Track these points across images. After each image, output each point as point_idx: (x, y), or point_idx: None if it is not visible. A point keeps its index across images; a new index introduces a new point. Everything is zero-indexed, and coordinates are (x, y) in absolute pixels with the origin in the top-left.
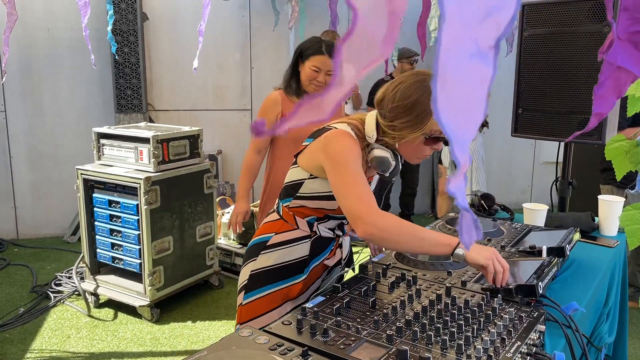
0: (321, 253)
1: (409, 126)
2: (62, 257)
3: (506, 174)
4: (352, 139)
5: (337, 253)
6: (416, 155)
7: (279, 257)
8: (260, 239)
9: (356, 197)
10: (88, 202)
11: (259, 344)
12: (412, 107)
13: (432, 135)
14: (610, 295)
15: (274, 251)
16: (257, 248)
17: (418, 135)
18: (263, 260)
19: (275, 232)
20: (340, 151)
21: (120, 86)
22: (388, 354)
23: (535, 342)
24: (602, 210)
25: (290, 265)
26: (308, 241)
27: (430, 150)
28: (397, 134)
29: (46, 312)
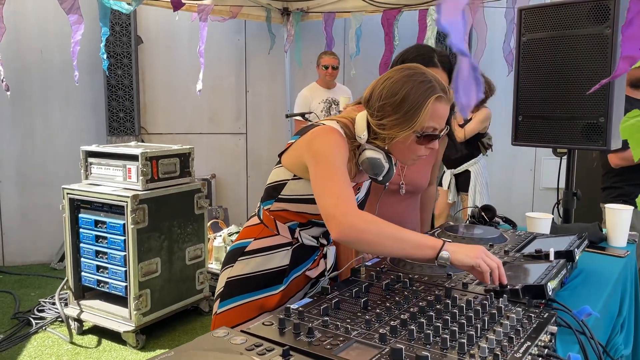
0: (303, 263)
1: (398, 124)
2: (47, 283)
3: (506, 200)
4: (339, 137)
5: (321, 264)
6: (410, 156)
7: (257, 264)
8: (239, 244)
9: (334, 195)
10: (74, 222)
11: (235, 344)
12: (400, 103)
13: (425, 133)
14: (624, 306)
15: (252, 258)
16: (235, 254)
17: (409, 133)
18: (240, 267)
19: (254, 237)
20: (324, 147)
21: (113, 109)
22: (380, 354)
23: (547, 344)
24: (609, 219)
25: (268, 274)
26: (289, 249)
27: (426, 150)
28: (386, 133)
29: (27, 339)
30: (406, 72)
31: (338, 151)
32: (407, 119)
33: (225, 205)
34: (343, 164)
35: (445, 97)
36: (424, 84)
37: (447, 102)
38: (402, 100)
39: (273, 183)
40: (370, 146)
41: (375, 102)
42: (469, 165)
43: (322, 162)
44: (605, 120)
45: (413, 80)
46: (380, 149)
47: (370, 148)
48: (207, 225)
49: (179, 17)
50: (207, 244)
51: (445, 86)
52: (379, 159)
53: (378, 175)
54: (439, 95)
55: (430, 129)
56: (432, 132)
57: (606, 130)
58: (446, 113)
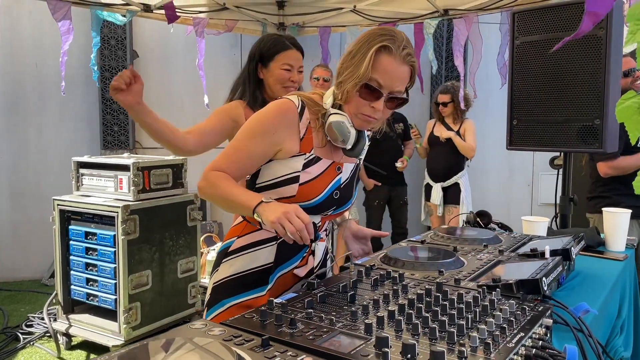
0: (289, 260)
1: (349, 75)
2: (37, 299)
3: (505, 215)
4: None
5: (310, 261)
6: (353, 110)
7: (241, 264)
8: (223, 246)
9: (215, 160)
10: (64, 234)
11: (212, 334)
12: (355, 52)
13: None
14: (623, 308)
15: (237, 257)
16: (220, 256)
17: (354, 83)
18: (225, 269)
19: (237, 235)
20: (251, 119)
21: (107, 122)
22: (365, 344)
23: (541, 336)
24: (607, 223)
25: (254, 273)
26: (274, 244)
27: (369, 108)
28: (342, 89)
29: (14, 354)
30: (373, 28)
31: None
32: (355, 68)
33: (220, 220)
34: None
35: (396, 52)
36: (379, 35)
37: (396, 59)
38: (356, 50)
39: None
40: (335, 110)
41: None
42: (458, 177)
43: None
44: (600, 122)
45: (373, 33)
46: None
47: (334, 112)
48: (200, 238)
49: (174, 31)
50: (199, 257)
51: (404, 44)
52: (342, 122)
53: (346, 143)
54: (384, 44)
55: (373, 81)
56: (375, 85)
57: (602, 133)
58: (395, 71)
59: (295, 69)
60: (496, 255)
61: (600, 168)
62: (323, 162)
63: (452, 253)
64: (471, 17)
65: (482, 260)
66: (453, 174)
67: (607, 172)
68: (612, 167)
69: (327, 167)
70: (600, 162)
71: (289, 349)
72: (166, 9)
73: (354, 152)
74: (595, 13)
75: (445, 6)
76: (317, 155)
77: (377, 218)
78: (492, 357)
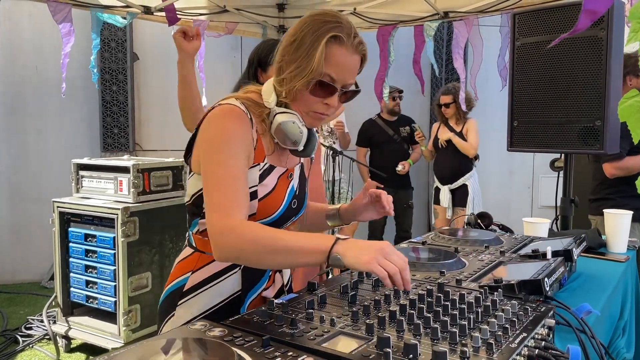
0: (257, 283)
1: (297, 72)
2: (37, 301)
3: (504, 218)
4: (235, 118)
5: (277, 279)
6: (303, 108)
7: (205, 302)
8: (172, 287)
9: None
10: (64, 236)
11: (213, 335)
12: (297, 46)
13: (316, 80)
14: (625, 309)
15: (197, 295)
16: (172, 299)
17: (305, 80)
18: (183, 312)
19: (191, 270)
20: (214, 139)
21: (107, 124)
22: (367, 345)
23: (544, 337)
24: (609, 224)
25: (222, 308)
26: (237, 271)
27: (322, 105)
28: (287, 87)
29: (13, 357)
30: (312, 13)
31: (231, 140)
32: (304, 63)
33: None
34: (236, 154)
35: (347, 41)
36: (324, 23)
37: (349, 49)
38: (299, 41)
39: (192, 198)
40: (281, 109)
41: (277, 54)
42: (465, 179)
43: (210, 162)
44: (601, 123)
45: (315, 19)
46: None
47: (281, 112)
48: None
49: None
50: None
51: (354, 32)
52: (293, 122)
53: (298, 144)
54: (335, 34)
55: (326, 76)
56: (329, 80)
57: (603, 134)
58: (348, 63)
59: None
60: (497, 256)
61: (606, 169)
62: (277, 171)
63: (453, 254)
64: (471, 20)
65: (483, 261)
66: (460, 175)
67: (614, 173)
68: (619, 168)
69: (280, 175)
70: (606, 162)
71: (289, 349)
72: (167, 11)
73: (306, 152)
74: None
75: (446, 8)
76: (270, 163)
77: (380, 220)
78: (495, 357)
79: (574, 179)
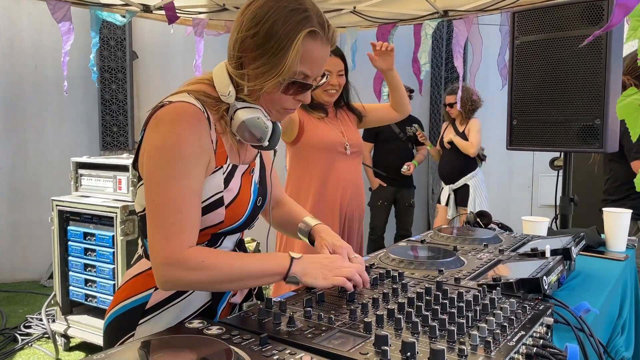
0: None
1: (263, 69)
2: (36, 300)
3: (504, 217)
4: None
5: None
6: (274, 106)
7: (174, 316)
8: (131, 304)
9: (159, 234)
10: (63, 235)
11: (210, 333)
12: (264, 37)
13: (291, 80)
14: (624, 308)
15: (162, 312)
16: (131, 317)
17: (278, 80)
18: (146, 330)
19: (153, 286)
20: (163, 145)
21: (107, 123)
22: (365, 343)
23: (542, 335)
24: (607, 223)
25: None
26: None
27: (294, 102)
28: (252, 84)
29: (12, 355)
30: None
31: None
32: (273, 64)
33: None
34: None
35: (323, 34)
36: (295, 12)
37: (324, 43)
38: (266, 33)
39: (144, 209)
40: (242, 104)
41: (234, 36)
42: (467, 179)
43: (158, 176)
44: (601, 122)
45: (280, 6)
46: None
47: (243, 107)
48: None
49: (174, 32)
50: None
51: (325, 19)
52: (258, 118)
53: (263, 140)
54: (312, 29)
55: (300, 75)
56: (302, 79)
57: (602, 132)
58: (323, 57)
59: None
60: (496, 255)
61: (635, 166)
62: (239, 170)
63: (452, 252)
64: (471, 18)
65: (482, 260)
66: (461, 175)
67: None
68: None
69: (243, 173)
70: (635, 160)
71: (287, 347)
72: (166, 9)
73: (270, 146)
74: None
75: (445, 7)
76: (232, 163)
77: (381, 218)
78: (493, 355)
79: (577, 177)
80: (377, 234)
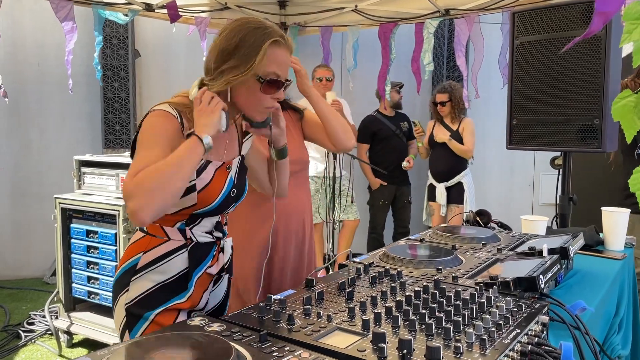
0: (203, 261)
1: (235, 67)
2: (39, 297)
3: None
4: (162, 117)
5: (220, 258)
6: (257, 107)
7: (156, 277)
8: (126, 266)
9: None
10: (65, 233)
11: (211, 330)
12: (235, 48)
13: (267, 79)
14: (621, 306)
15: (147, 272)
16: (125, 277)
17: (248, 76)
18: (137, 287)
19: (142, 251)
20: (143, 128)
21: (109, 121)
22: (362, 340)
23: (537, 333)
24: (606, 222)
25: (172, 282)
26: (185, 251)
27: (272, 100)
28: (224, 79)
29: (15, 352)
30: (240, 21)
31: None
32: (244, 60)
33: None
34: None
35: (284, 42)
36: (259, 29)
37: (286, 49)
38: (236, 45)
39: None
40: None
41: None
42: (461, 177)
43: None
44: (600, 121)
45: (247, 27)
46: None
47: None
48: None
49: (176, 30)
50: None
51: (283, 33)
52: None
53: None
54: (275, 39)
55: (272, 74)
56: (276, 77)
57: (601, 132)
58: (286, 60)
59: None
60: (494, 254)
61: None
62: (212, 165)
63: (450, 251)
64: (472, 17)
65: (480, 259)
66: (455, 173)
67: None
68: None
69: (217, 168)
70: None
71: (286, 344)
72: (168, 8)
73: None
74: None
75: (447, 6)
76: (205, 160)
77: (381, 217)
78: (488, 352)
79: (580, 177)
80: (378, 232)
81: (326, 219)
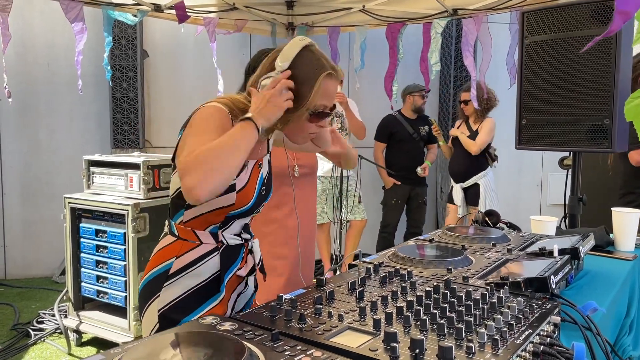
0: (233, 264)
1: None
2: (48, 296)
3: (513, 215)
4: (216, 110)
5: (249, 260)
6: (301, 134)
7: (189, 282)
8: (157, 271)
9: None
10: (75, 232)
11: (223, 329)
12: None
13: (317, 111)
14: (632, 307)
15: (180, 278)
16: (158, 281)
17: (302, 113)
18: (170, 292)
19: (175, 256)
20: (194, 120)
21: (118, 121)
22: (374, 340)
23: (549, 334)
24: (616, 223)
25: (205, 285)
26: (216, 254)
27: (317, 127)
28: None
29: (25, 350)
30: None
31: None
32: (299, 98)
33: None
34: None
35: (335, 74)
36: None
37: (336, 80)
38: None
39: (176, 192)
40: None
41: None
42: (477, 178)
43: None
44: (610, 121)
45: (302, 57)
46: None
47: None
48: None
49: (184, 31)
50: None
51: (334, 64)
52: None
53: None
54: (329, 72)
55: (321, 106)
56: (324, 109)
57: (611, 132)
58: (335, 90)
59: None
60: (504, 254)
61: (631, 157)
62: (250, 164)
63: (460, 251)
64: (480, 17)
65: (490, 259)
66: (472, 174)
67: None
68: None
69: (252, 167)
70: (632, 151)
71: (298, 343)
72: (177, 9)
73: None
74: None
75: (454, 6)
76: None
77: (393, 217)
78: (500, 353)
79: (588, 177)
80: (388, 231)
81: (333, 219)
